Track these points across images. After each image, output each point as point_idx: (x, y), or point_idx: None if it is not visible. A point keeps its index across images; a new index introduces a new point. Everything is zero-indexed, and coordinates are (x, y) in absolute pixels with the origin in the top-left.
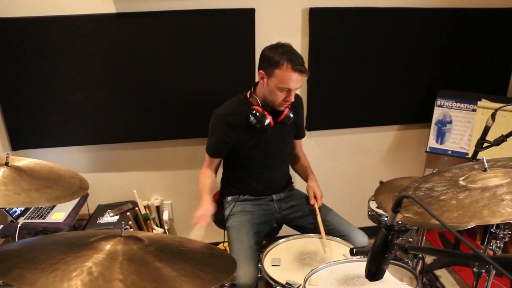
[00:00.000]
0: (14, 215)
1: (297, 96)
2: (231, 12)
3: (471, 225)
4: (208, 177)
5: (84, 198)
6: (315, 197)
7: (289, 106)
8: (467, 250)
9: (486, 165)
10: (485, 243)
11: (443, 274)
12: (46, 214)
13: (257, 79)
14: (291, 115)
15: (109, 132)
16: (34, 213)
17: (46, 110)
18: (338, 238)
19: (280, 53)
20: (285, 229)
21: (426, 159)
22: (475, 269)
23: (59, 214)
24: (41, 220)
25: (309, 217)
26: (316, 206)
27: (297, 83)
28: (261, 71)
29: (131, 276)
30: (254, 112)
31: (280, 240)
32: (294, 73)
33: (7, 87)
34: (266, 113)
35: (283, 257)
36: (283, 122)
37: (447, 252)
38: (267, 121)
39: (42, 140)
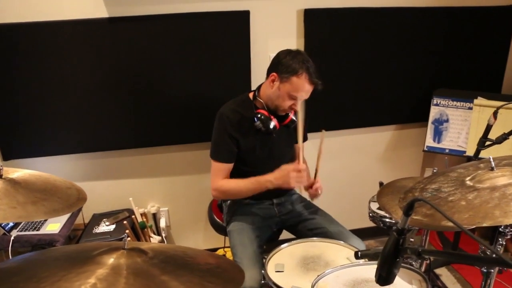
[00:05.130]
0: (7, 227)
1: None
2: (226, 15)
3: (484, 225)
4: (235, 179)
5: (79, 208)
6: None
7: (293, 111)
8: (467, 248)
9: (493, 164)
10: (494, 243)
11: (443, 273)
12: (40, 225)
13: (254, 82)
14: (294, 119)
15: (102, 140)
16: (27, 225)
17: (38, 118)
18: (341, 242)
19: (299, 61)
20: (285, 234)
21: (423, 159)
22: (483, 269)
23: (53, 225)
24: (35, 232)
25: (308, 222)
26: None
27: (308, 94)
28: (274, 73)
29: None
30: (259, 115)
31: (282, 245)
32: (309, 84)
33: None
34: (272, 116)
35: (286, 262)
36: (287, 125)
37: (465, 256)
38: (272, 125)
39: (34, 149)
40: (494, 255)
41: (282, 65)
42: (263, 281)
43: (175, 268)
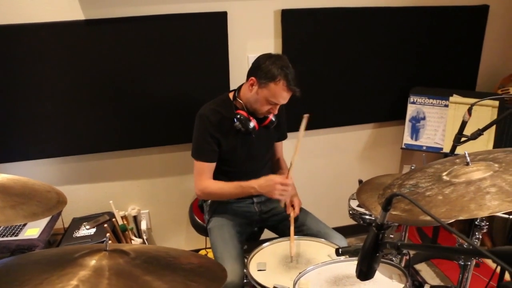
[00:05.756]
0: None
1: None
2: (203, 16)
3: (460, 218)
4: (220, 181)
5: (59, 212)
6: (292, 205)
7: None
8: (446, 243)
9: (468, 159)
10: (471, 236)
11: (423, 268)
12: (19, 230)
13: (232, 82)
14: (274, 120)
15: (81, 143)
16: (5, 231)
17: (14, 121)
18: (322, 239)
19: (278, 67)
20: (267, 233)
21: (401, 156)
22: (461, 262)
23: (33, 230)
24: (13, 238)
25: (289, 221)
26: (292, 215)
27: (285, 100)
28: (253, 78)
29: None
30: (239, 116)
31: (264, 244)
32: (286, 91)
33: None
34: (251, 117)
35: (268, 261)
36: (267, 126)
37: (442, 248)
38: (252, 126)
39: (10, 153)
40: (470, 247)
41: (261, 70)
42: (245, 280)
43: (158, 268)
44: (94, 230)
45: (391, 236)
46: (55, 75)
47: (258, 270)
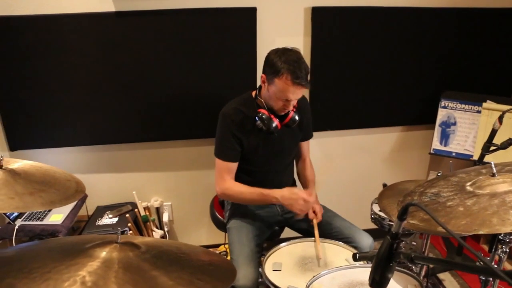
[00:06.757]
0: (11, 217)
1: (302, 97)
2: (233, 11)
3: (480, 233)
4: (242, 184)
5: (83, 200)
6: (314, 211)
7: (294, 109)
8: (472, 254)
9: (494, 170)
10: (493, 251)
11: (446, 278)
12: (44, 216)
13: (259, 79)
14: (296, 118)
15: (108, 133)
16: (31, 215)
17: (44, 110)
18: (340, 243)
19: (283, 61)
20: (287, 231)
21: (429, 161)
22: (481, 277)
23: (57, 216)
24: (38, 222)
25: (311, 220)
26: (315, 222)
27: (296, 95)
28: (263, 75)
29: (126, 285)
30: (260, 115)
31: (281, 244)
32: (293, 86)
33: (4, 87)
34: (272, 116)
35: (284, 261)
36: (288, 124)
37: (456, 264)
38: (274, 125)
39: (40, 140)
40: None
41: (268, 65)
42: (260, 279)
43: (166, 263)
44: (116, 219)
45: (414, 243)
46: (84, 65)
47: (273, 270)
